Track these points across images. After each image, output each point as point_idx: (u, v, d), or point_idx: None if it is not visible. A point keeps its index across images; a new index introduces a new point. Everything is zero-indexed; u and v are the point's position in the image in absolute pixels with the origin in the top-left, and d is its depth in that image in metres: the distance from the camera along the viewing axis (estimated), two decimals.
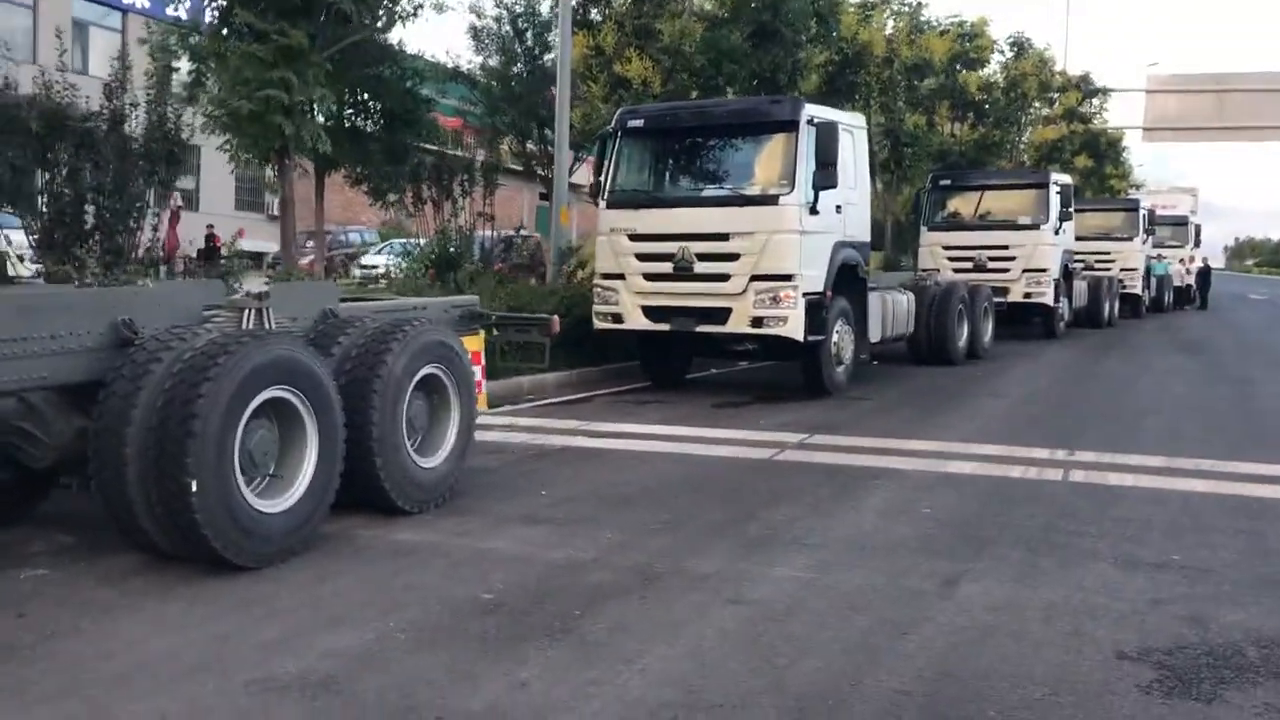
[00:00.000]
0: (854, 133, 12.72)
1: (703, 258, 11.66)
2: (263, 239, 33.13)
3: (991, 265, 20.27)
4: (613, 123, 12.63)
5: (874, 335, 13.41)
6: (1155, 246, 31.25)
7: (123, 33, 30.59)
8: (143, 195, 8.95)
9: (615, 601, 4.86)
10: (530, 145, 20.44)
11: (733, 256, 11.54)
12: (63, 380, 5.14)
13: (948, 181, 22.39)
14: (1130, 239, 28.13)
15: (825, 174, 11.44)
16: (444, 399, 6.74)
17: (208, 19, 11.87)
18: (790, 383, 12.58)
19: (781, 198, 11.43)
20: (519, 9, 21.07)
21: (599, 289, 12.39)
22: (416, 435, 6.57)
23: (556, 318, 8.36)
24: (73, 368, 5.16)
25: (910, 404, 11.96)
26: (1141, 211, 28.91)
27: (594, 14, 16.90)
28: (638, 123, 12.33)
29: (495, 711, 3.70)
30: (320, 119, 12.49)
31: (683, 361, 13.54)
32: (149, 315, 5.47)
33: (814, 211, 11.55)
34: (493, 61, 21.81)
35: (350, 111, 19.11)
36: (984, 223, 21.17)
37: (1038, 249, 20.30)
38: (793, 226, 11.39)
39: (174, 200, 32.37)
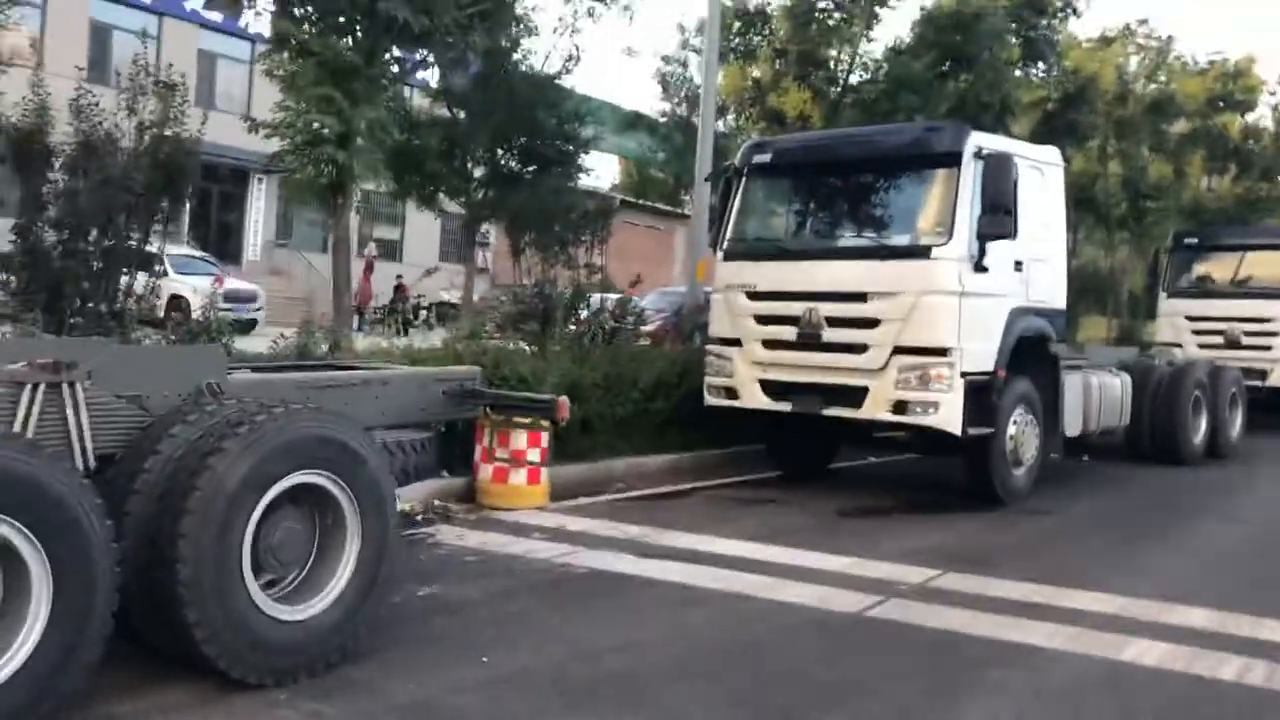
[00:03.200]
0: (1043, 170, 10.00)
1: (834, 323, 9.24)
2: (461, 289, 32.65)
3: (1248, 341, 16.57)
4: (736, 159, 10.43)
5: (1071, 428, 10.50)
6: None
7: (158, 39, 29.55)
8: (124, 236, 7.45)
9: None
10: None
11: (871, 322, 9.06)
12: None
13: (1195, 240, 18.77)
14: None
15: (996, 220, 8.82)
16: (335, 520, 4.70)
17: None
18: (963, 480, 9.88)
19: (935, 249, 8.88)
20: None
21: (711, 356, 10.16)
22: (282, 572, 4.58)
23: (565, 400, 6.23)
24: None
25: (1107, 525, 9.01)
26: None
27: (754, 39, 14.80)
28: (764, 158, 10.08)
29: None
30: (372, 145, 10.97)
31: (823, 448, 11.07)
32: None
33: (980, 268, 8.93)
34: (682, 109, 20.25)
35: (501, 154, 17.90)
36: (1241, 290, 17.43)
37: None
38: (949, 286, 8.81)
39: (369, 250, 32.75)
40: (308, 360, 7.44)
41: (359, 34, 10.01)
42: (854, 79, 13.50)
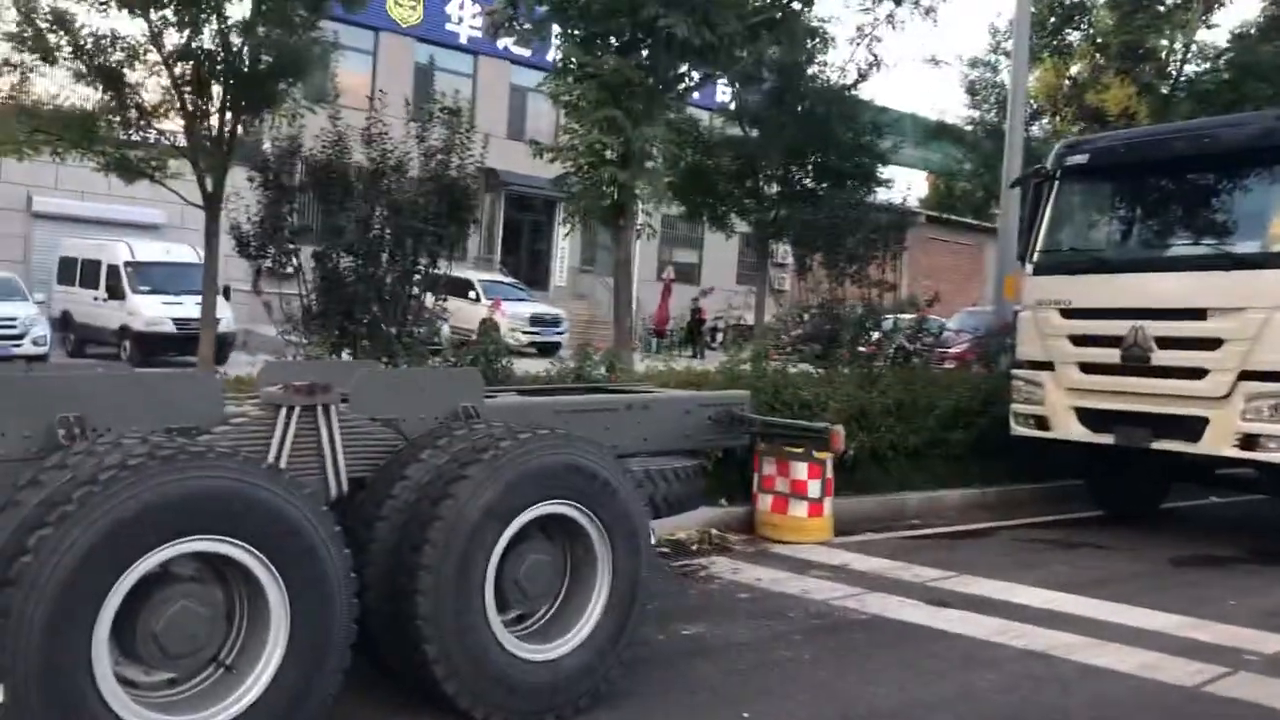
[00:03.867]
0: None
1: (1165, 343, 8.08)
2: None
3: None
4: (1048, 161, 9.41)
5: None
6: None
7: (473, 76, 30.54)
8: (412, 262, 7.63)
9: None
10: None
11: (1212, 343, 7.84)
12: None
13: None
14: None
15: None
16: (585, 554, 4.40)
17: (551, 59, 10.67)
18: None
19: None
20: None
21: (1020, 382, 9.19)
22: (530, 607, 4.33)
23: (840, 430, 5.67)
24: None
25: None
26: None
27: (1070, 36, 13.50)
28: (1080, 159, 9.01)
29: None
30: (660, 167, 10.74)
31: (1153, 486, 9.77)
32: None
33: None
34: (992, 115, 19.09)
35: (795, 171, 17.48)
36: None
37: None
38: None
39: (667, 273, 33.20)
40: (581, 384, 7.29)
41: (640, 53, 9.91)
42: (1188, 70, 11.96)
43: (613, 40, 9.99)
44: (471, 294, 25.76)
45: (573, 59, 9.78)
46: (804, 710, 4.55)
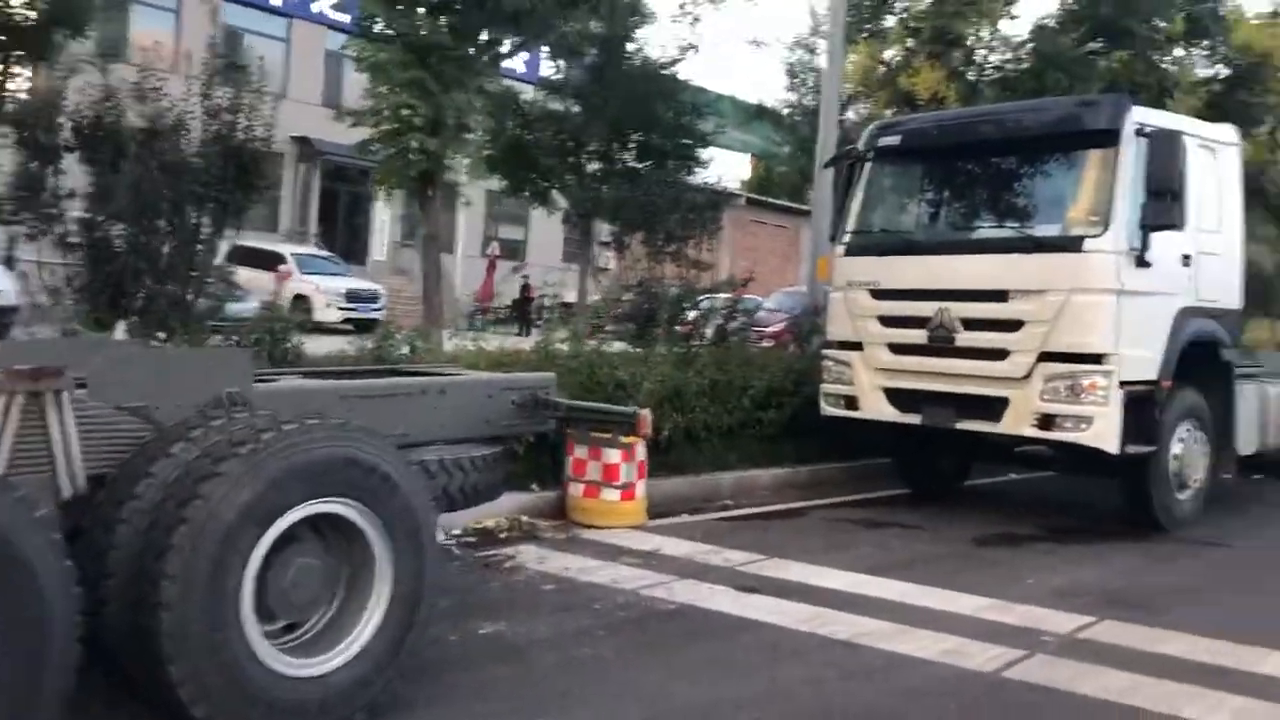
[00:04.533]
0: (1216, 151, 8.73)
1: (970, 324, 8.20)
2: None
3: None
4: (861, 142, 9.44)
5: (1246, 446, 9.17)
6: None
7: (286, 40, 29.50)
8: (193, 231, 6.95)
9: None
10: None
11: (1013, 324, 7.99)
12: None
13: None
14: None
15: (1161, 208, 7.65)
16: (363, 556, 3.99)
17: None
18: (1118, 503, 8.70)
19: (1089, 240, 7.76)
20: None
21: (829, 362, 9.20)
22: (297, 617, 3.90)
23: (647, 414, 5.44)
24: None
25: None
26: None
27: (887, 21, 13.69)
28: (892, 140, 9.06)
29: None
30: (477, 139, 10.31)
31: (957, 463, 10.00)
32: None
33: (1142, 263, 7.77)
34: (810, 99, 19.25)
35: (616, 148, 17.24)
36: None
37: None
38: (1105, 283, 7.67)
39: (492, 249, 32.55)
40: (379, 366, 6.81)
41: (452, 16, 9.38)
42: (994, 58, 12.29)
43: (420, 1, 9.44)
44: (283, 268, 24.67)
45: (375, 18, 9.19)
46: (604, 714, 4.29)
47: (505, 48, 10.63)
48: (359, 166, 28.13)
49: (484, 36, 9.92)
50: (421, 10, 9.16)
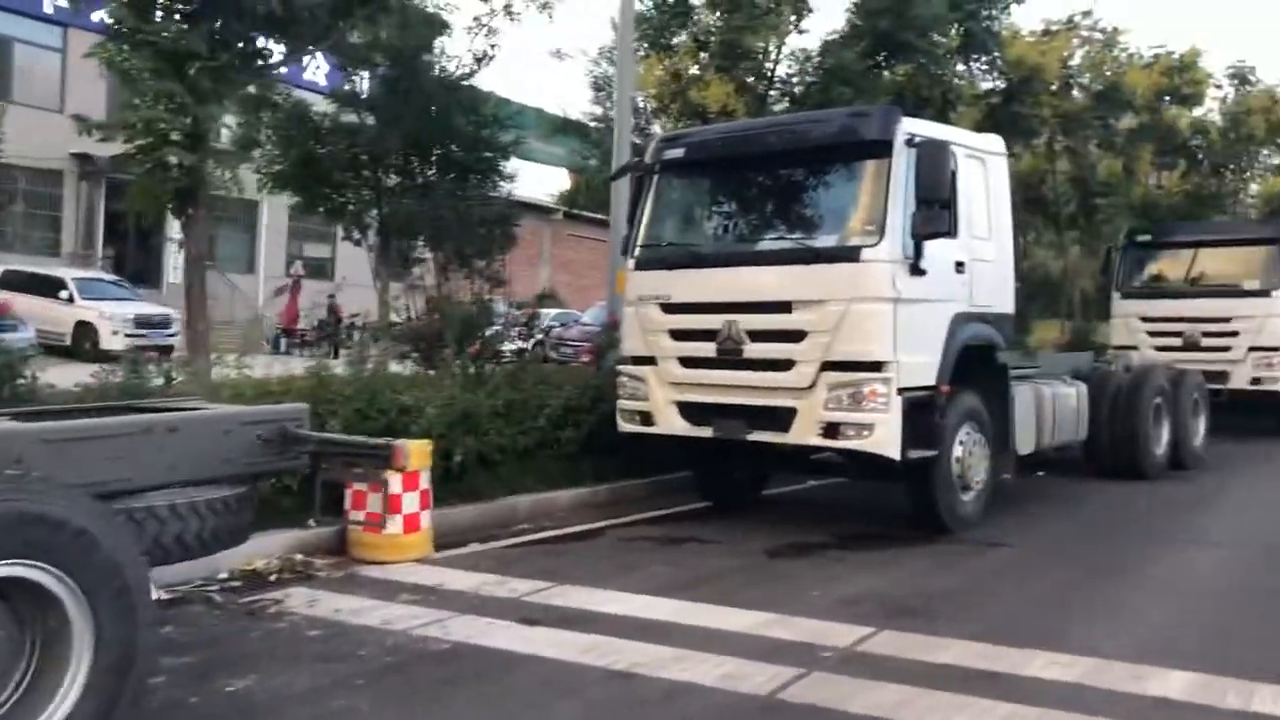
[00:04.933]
0: (985, 160, 9.02)
1: (756, 336, 8.20)
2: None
3: (1207, 343, 15.74)
4: (647, 155, 9.35)
5: (1023, 445, 9.51)
6: None
7: (62, 51, 27.26)
8: None
9: None
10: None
11: (797, 335, 8.02)
12: None
13: (1148, 237, 17.98)
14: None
15: (932, 216, 7.82)
16: (58, 625, 3.53)
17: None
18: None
19: (865, 250, 7.86)
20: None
21: (624, 378, 9.06)
22: None
23: (403, 445, 5.08)
24: None
25: (1066, 557, 8.00)
26: None
27: (679, 35, 13.72)
28: (677, 152, 9.00)
29: None
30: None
31: (754, 475, 10.01)
32: None
33: (917, 271, 7.92)
34: (613, 112, 19.14)
35: (416, 162, 16.67)
36: (1197, 289, 16.64)
37: (1269, 321, 15.61)
38: (882, 292, 7.78)
39: (296, 269, 31.29)
40: (108, 402, 6.20)
41: (213, 23, 8.76)
42: (781, 71, 12.48)
43: (176, 4, 8.76)
44: (64, 293, 23.13)
45: (122, 23, 8.49)
46: None
47: (275, 57, 10.05)
48: None
49: (251, 45, 9.33)
50: (176, 17, 8.52)
